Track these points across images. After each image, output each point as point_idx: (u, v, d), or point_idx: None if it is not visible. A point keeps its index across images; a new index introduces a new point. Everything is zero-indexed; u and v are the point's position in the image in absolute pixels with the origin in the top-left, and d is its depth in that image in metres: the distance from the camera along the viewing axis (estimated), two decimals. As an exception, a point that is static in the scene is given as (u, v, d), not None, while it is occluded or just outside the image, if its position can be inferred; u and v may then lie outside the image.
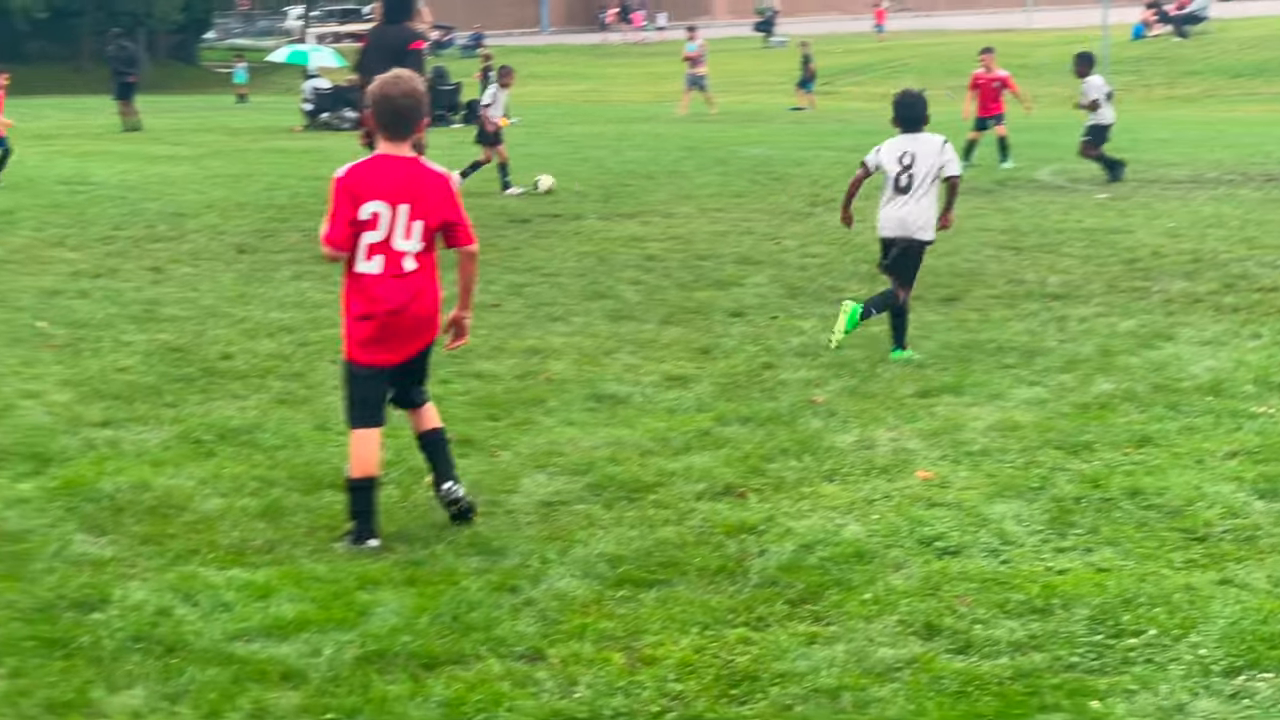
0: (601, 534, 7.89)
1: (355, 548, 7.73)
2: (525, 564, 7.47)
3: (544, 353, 12.38)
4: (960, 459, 9.17)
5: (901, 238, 12.19)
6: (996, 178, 24.98)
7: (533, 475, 8.96)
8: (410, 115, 7.84)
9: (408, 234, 7.79)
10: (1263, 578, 7.13)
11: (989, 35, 68.56)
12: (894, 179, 12.17)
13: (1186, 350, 11.84)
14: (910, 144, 12.17)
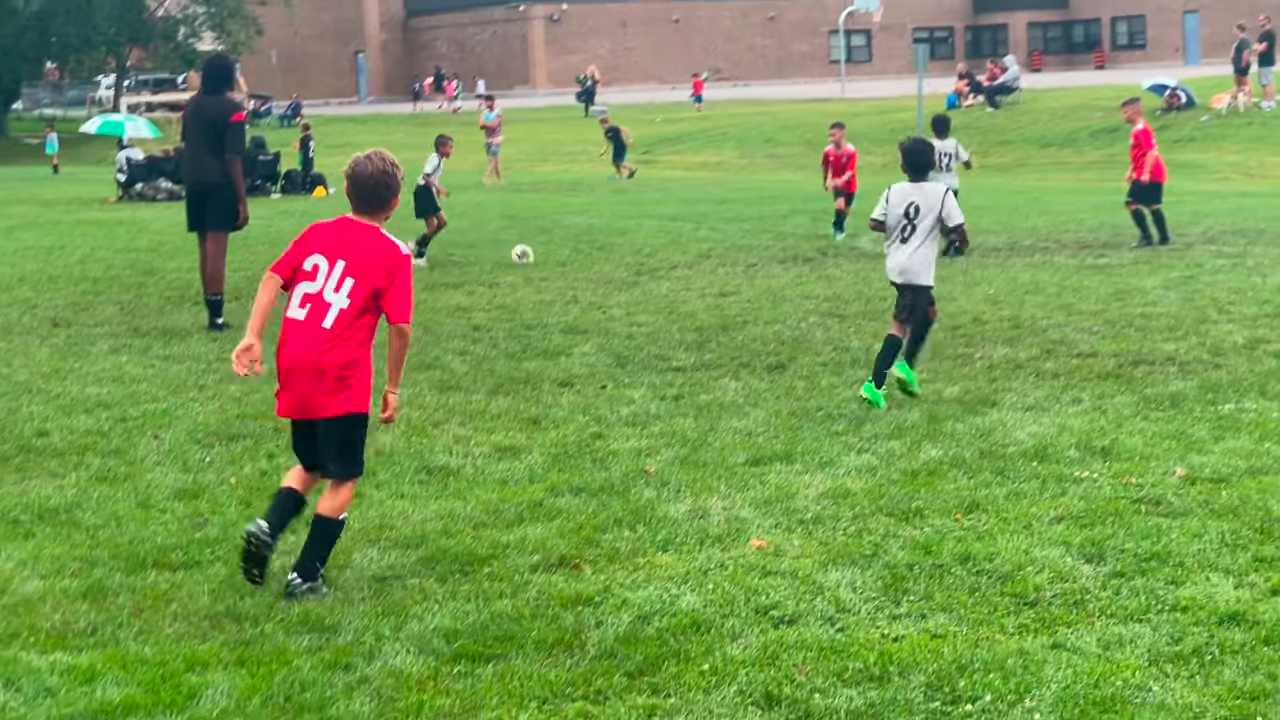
0: (436, 608, 7.80)
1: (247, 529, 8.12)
2: (359, 640, 7.36)
3: (372, 425, 12.22)
4: (793, 527, 9.19)
5: (905, 284, 12.82)
6: (819, 246, 25.21)
7: (364, 550, 8.85)
8: (378, 194, 8.16)
9: (337, 288, 8.00)
10: (1093, 641, 7.21)
11: (805, 105, 69.44)
12: (899, 229, 12.78)
13: (1010, 416, 11.99)
14: (916, 193, 12.81)
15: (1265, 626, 7.30)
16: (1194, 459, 10.46)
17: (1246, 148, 45.96)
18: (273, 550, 8.09)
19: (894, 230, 12.80)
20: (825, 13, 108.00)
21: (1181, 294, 18.35)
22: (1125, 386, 13.04)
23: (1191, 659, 6.96)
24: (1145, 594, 7.82)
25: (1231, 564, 8.25)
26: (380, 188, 8.18)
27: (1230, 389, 12.73)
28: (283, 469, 10.69)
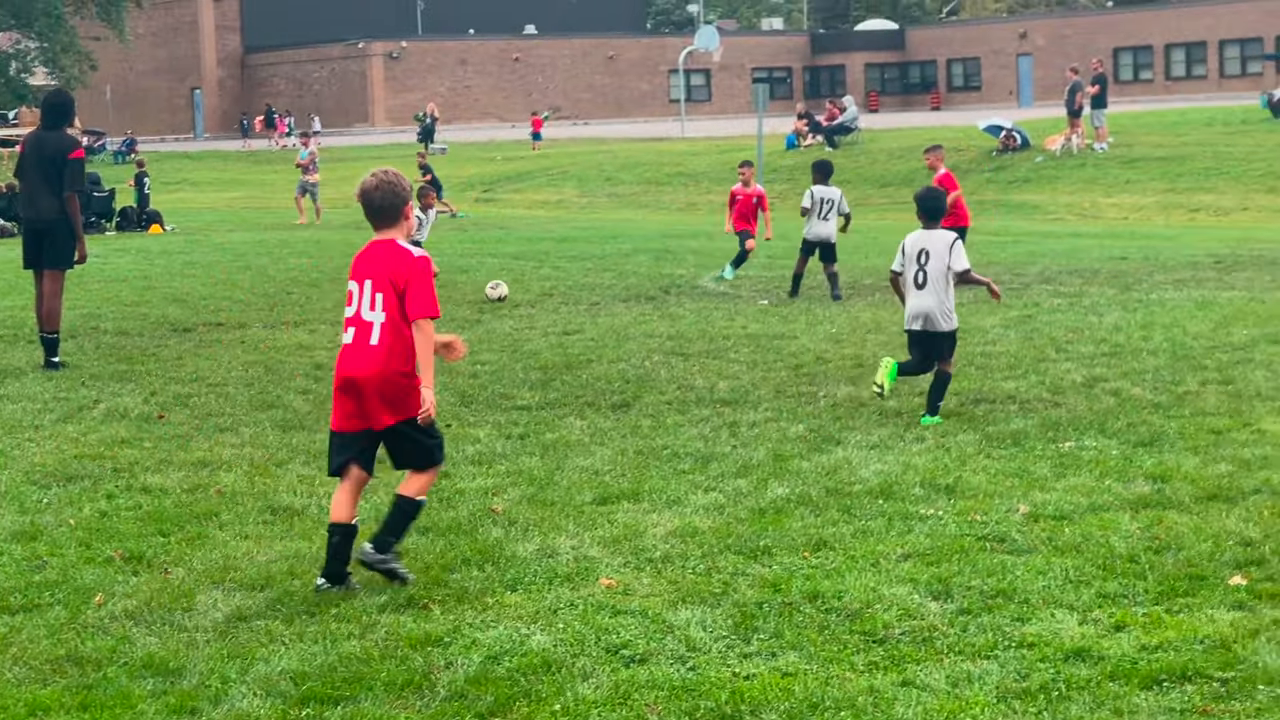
0: (283, 650, 7.68)
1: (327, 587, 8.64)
2: (204, 684, 7.23)
3: (214, 465, 12.09)
4: (642, 566, 9.17)
5: (925, 331, 13.50)
6: (661, 285, 25.26)
7: (209, 592, 8.70)
8: (388, 207, 8.74)
9: (372, 306, 8.64)
10: (942, 678, 7.25)
11: (645, 144, 69.76)
12: (913, 276, 13.47)
13: (855, 454, 12.07)
14: (926, 240, 13.48)
15: (1110, 662, 7.38)
16: (1037, 496, 10.58)
17: (1080, 189, 46.81)
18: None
19: (909, 277, 13.48)
20: (665, 52, 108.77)
21: (1020, 333, 18.60)
22: (968, 425, 13.17)
23: (1039, 695, 7.03)
24: (992, 631, 7.89)
25: (1076, 600, 8.34)
26: (388, 201, 8.76)
27: (1070, 427, 12.91)
28: (122, 510, 10.53)
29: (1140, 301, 21.68)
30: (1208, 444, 12.11)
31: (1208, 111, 60.73)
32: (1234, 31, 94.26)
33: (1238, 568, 8.82)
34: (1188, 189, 45.99)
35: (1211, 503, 10.33)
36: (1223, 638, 7.63)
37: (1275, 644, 7.50)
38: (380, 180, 8.77)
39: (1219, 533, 9.54)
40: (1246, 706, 6.81)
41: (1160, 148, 51.10)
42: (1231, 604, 8.20)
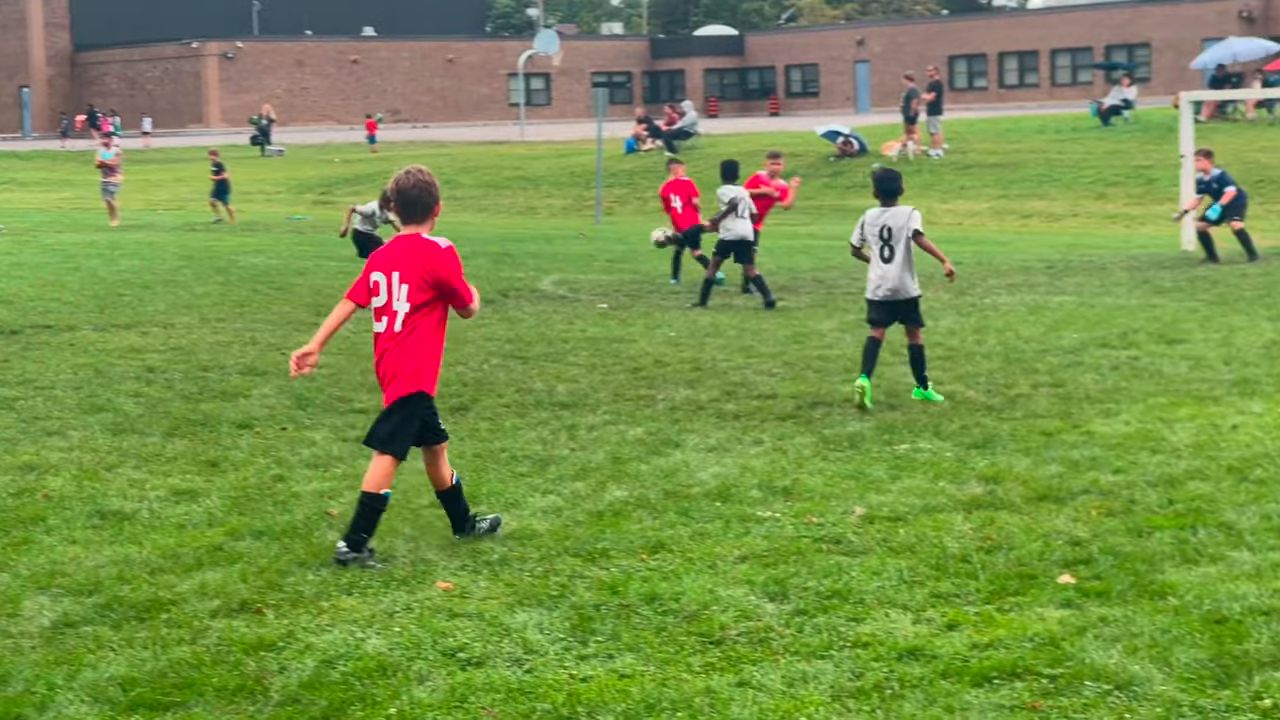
0: (112, 656, 7.56)
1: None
2: (30, 691, 7.09)
3: (40, 469, 11.87)
4: (480, 569, 9.13)
5: (893, 300, 14.44)
6: (500, 288, 25.19)
7: (34, 597, 8.54)
8: (420, 202, 9.37)
9: (399, 297, 9.26)
10: (778, 678, 7.28)
11: (484, 147, 69.58)
12: (879, 251, 14.36)
13: (694, 457, 12.10)
14: (887, 217, 14.40)
15: (943, 660, 7.45)
16: (872, 498, 10.67)
17: (916, 195, 47.29)
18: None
19: (875, 252, 14.41)
20: (504, 56, 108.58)
21: (856, 337, 18.73)
22: (805, 427, 13.27)
23: (873, 694, 7.08)
24: (827, 631, 7.94)
25: (910, 600, 8.42)
26: (422, 198, 9.40)
27: (905, 429, 13.04)
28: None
29: (974, 306, 21.98)
30: (1038, 446, 12.29)
31: (1040, 119, 61.71)
32: (1065, 41, 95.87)
33: (1066, 566, 8.95)
34: (1020, 195, 46.70)
35: (1042, 503, 10.48)
36: (1051, 635, 7.74)
37: (1102, 641, 7.62)
38: (415, 178, 9.41)
39: (1049, 532, 9.68)
40: (1074, 702, 6.91)
41: (994, 154, 51.85)
42: (1060, 602, 8.32)
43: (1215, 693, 6.97)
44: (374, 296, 9.36)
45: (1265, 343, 17.37)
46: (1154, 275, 25.86)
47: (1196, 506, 10.25)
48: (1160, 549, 9.26)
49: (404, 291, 9.21)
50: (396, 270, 9.27)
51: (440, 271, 9.22)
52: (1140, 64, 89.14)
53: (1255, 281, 24.34)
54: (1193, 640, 7.61)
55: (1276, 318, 19.60)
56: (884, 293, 14.49)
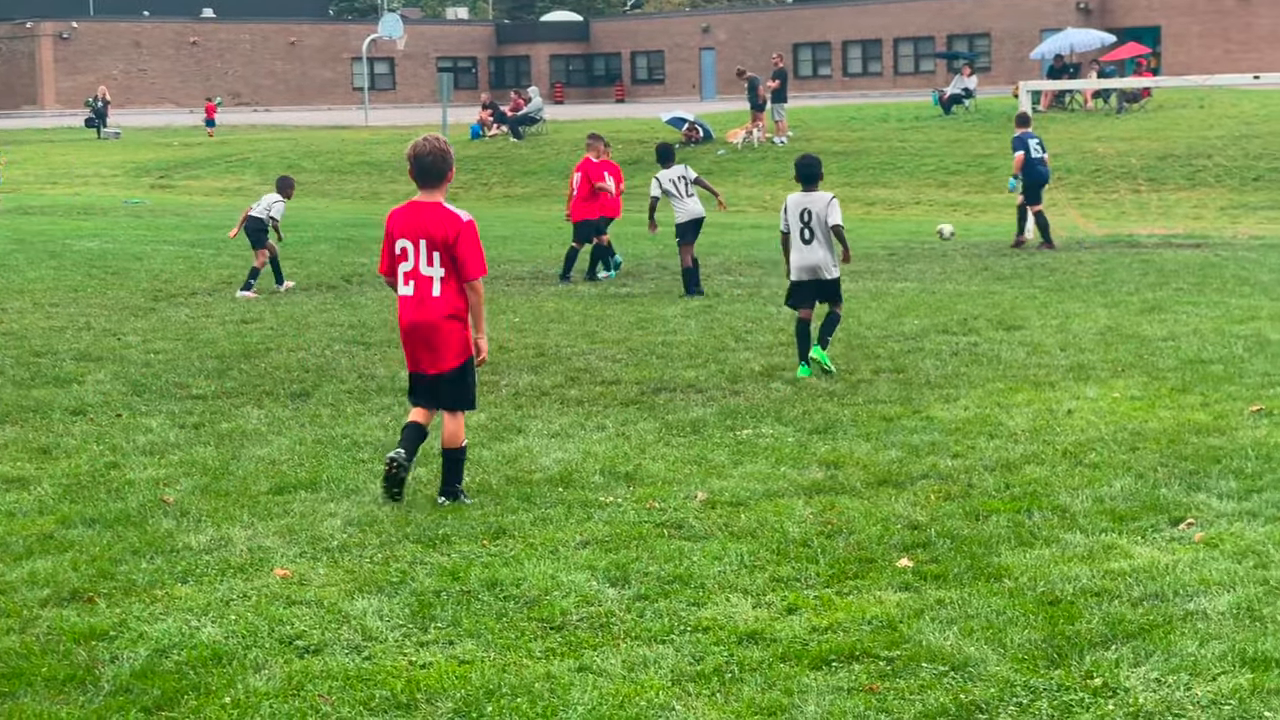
0: (-62, 648, 7.39)
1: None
2: None
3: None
4: (319, 555, 9.05)
5: (814, 280, 15.20)
6: (343, 274, 24.98)
7: None
8: (436, 169, 10.02)
9: (430, 262, 9.98)
10: (618, 663, 7.28)
11: (328, 131, 68.99)
12: (799, 232, 15.14)
13: (536, 443, 12.07)
14: (807, 201, 15.23)
15: (782, 644, 7.49)
16: (714, 483, 10.70)
17: (761, 181, 47.58)
18: (409, 471, 10.20)
19: (795, 234, 15.16)
20: (348, 39, 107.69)
21: (701, 323, 18.82)
22: (648, 413, 13.28)
23: (713, 678, 7.10)
24: (668, 615, 7.95)
25: (750, 584, 8.45)
26: (437, 164, 10.05)
27: (748, 415, 13.09)
28: None
29: (816, 292, 22.08)
30: (879, 431, 12.39)
31: (883, 107, 62.24)
32: (908, 30, 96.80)
33: (905, 550, 9.03)
34: (863, 183, 47.08)
35: (881, 488, 10.57)
36: (889, 618, 7.81)
37: (938, 623, 7.70)
38: (432, 145, 10.06)
39: (888, 516, 9.76)
40: (910, 683, 6.97)
41: (838, 142, 52.21)
42: (898, 585, 8.39)
43: (1048, 672, 7.07)
44: (401, 262, 10.05)
45: (1100, 329, 17.65)
46: (993, 262, 26.18)
47: (1032, 490, 10.39)
48: (996, 532, 9.37)
49: (436, 258, 9.96)
50: (423, 238, 9.98)
51: (459, 243, 9.91)
52: (981, 54, 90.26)
53: (1091, 269, 24.71)
54: (1027, 621, 7.71)
55: (1112, 304, 19.92)
56: (805, 274, 15.21)
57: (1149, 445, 11.66)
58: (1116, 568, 8.57)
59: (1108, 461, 11.17)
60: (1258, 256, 26.55)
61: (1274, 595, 8.05)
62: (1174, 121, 50.35)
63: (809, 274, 15.25)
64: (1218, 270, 24.22)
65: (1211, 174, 42.99)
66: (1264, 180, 41.81)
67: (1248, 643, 7.31)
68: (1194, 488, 10.36)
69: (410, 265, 10.05)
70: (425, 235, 9.98)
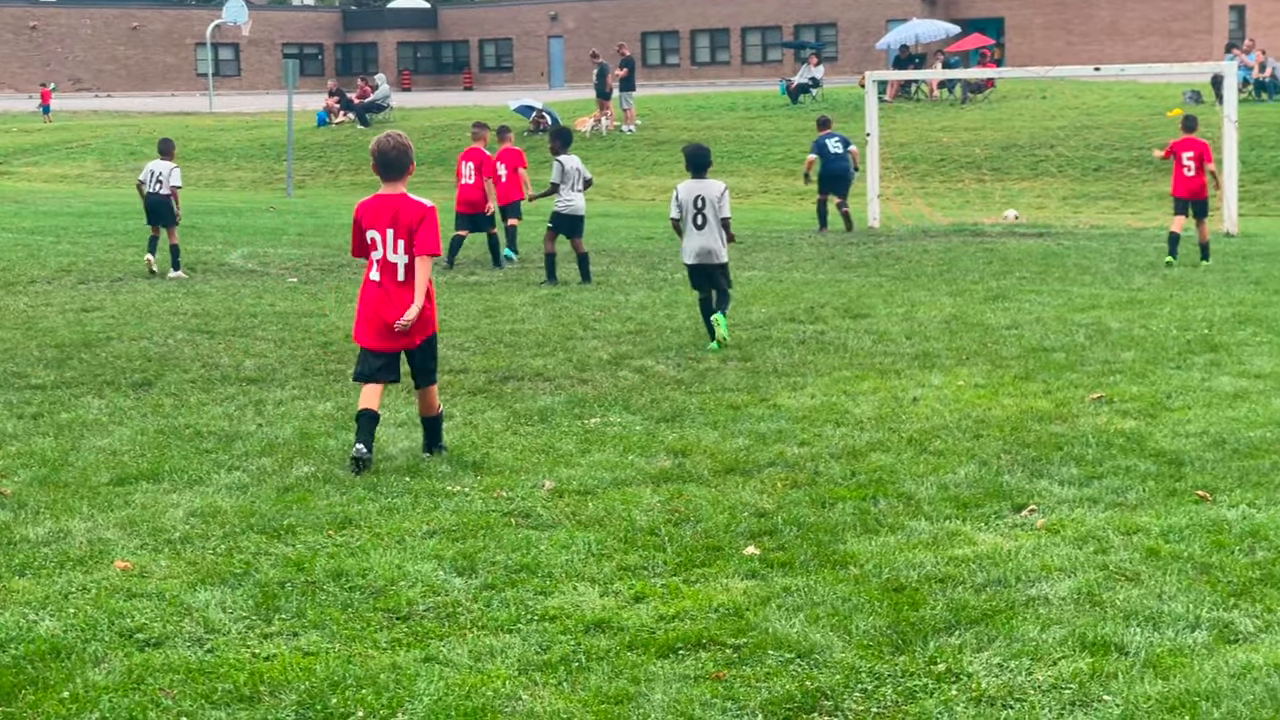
0: None
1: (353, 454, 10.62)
2: None
3: None
4: (161, 547, 8.92)
5: (705, 264, 16.08)
6: (186, 261, 24.67)
7: None
8: (399, 163, 10.81)
9: (395, 250, 10.77)
10: (465, 653, 7.24)
11: (171, 118, 68.12)
12: (692, 218, 16.02)
13: (383, 432, 11.94)
14: (700, 188, 16.13)
15: (629, 633, 7.49)
16: (562, 472, 10.68)
17: (609, 170, 47.63)
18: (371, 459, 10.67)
19: (688, 220, 16.05)
20: (191, 25, 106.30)
21: (549, 311, 18.80)
22: (496, 402, 13.24)
23: (559, 667, 7.08)
24: (515, 605, 7.92)
25: (598, 573, 8.44)
26: (400, 159, 10.86)
27: (596, 403, 13.08)
28: None
29: (665, 281, 22.18)
30: (726, 419, 12.43)
31: (731, 96, 62.55)
32: (755, 20, 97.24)
33: (752, 538, 9.07)
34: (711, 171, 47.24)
35: (729, 476, 10.60)
36: (736, 606, 7.83)
37: (785, 610, 7.73)
38: (395, 141, 10.83)
39: (735, 504, 9.79)
40: (756, 671, 7.00)
41: (686, 131, 52.37)
42: (745, 573, 8.42)
43: (892, 659, 7.12)
44: (372, 250, 10.80)
45: (945, 317, 17.84)
46: (840, 251, 26.38)
47: (878, 478, 10.47)
48: (842, 520, 9.43)
49: (401, 246, 10.72)
50: (390, 227, 10.74)
51: (422, 226, 10.71)
52: (827, 43, 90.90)
53: (937, 258, 24.99)
54: (872, 608, 7.76)
55: (957, 293, 20.14)
56: (696, 258, 16.10)
57: (992, 433, 11.80)
58: (960, 554, 8.66)
59: (952, 449, 11.28)
60: (1099, 246, 26.99)
61: (1113, 580, 8.17)
62: (1017, 112, 51.05)
63: (702, 258, 16.09)
64: (1060, 259, 24.59)
65: (1054, 164, 43.64)
66: (1104, 170, 42.50)
67: (1087, 627, 7.42)
68: (1036, 475, 10.50)
69: (380, 254, 10.79)
70: (392, 224, 10.74)
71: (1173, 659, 7.03)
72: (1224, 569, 8.35)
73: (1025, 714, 6.52)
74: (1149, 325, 16.91)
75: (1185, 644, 7.22)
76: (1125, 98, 50.97)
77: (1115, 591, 7.98)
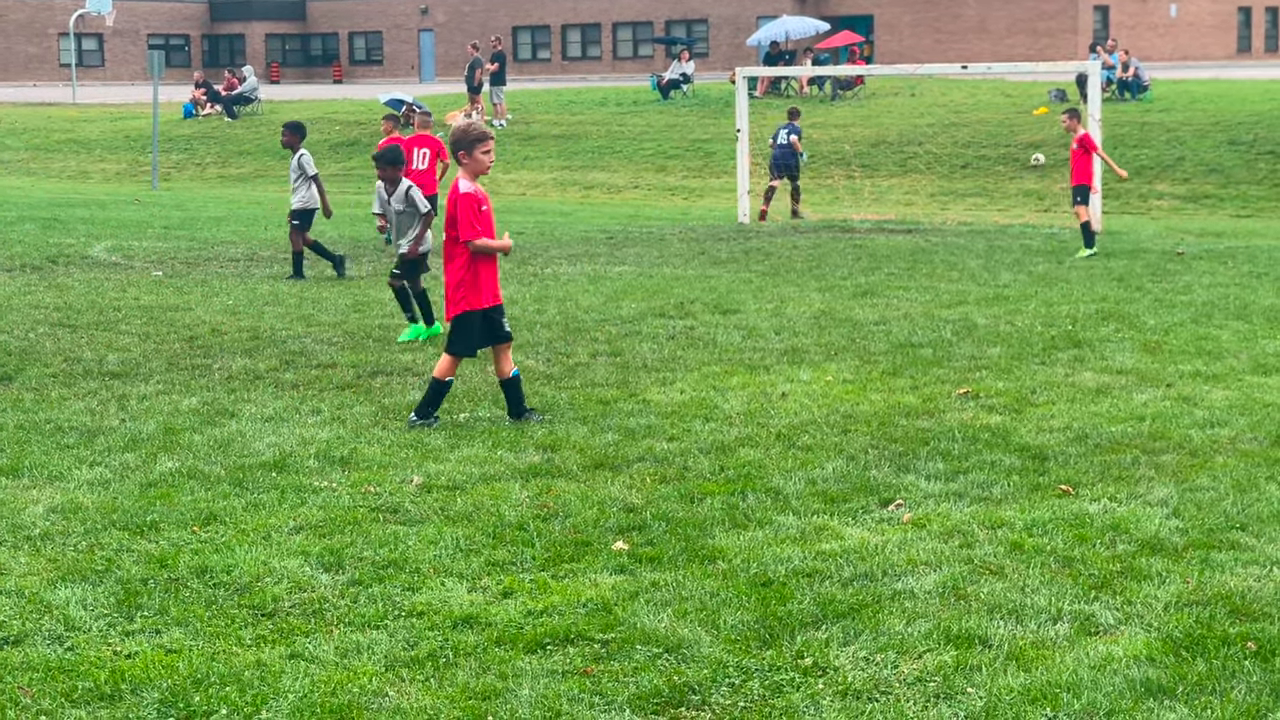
0: None
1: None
2: None
3: None
4: (20, 544, 8.78)
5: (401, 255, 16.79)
6: (48, 254, 24.31)
7: None
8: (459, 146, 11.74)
9: None
10: (331, 650, 7.20)
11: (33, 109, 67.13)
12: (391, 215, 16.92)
13: (250, 427, 11.87)
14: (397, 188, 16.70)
15: (497, 628, 7.47)
16: (431, 467, 10.63)
17: (478, 165, 47.47)
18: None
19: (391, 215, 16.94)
20: (54, 14, 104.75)
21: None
22: (364, 397, 13.15)
23: (426, 663, 7.05)
24: (383, 601, 7.88)
25: (466, 569, 8.41)
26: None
27: (465, 398, 13.03)
28: None
29: (535, 275, 22.14)
30: (596, 414, 12.43)
31: (602, 91, 62.54)
32: (626, 15, 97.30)
33: (620, 533, 9.07)
34: (583, 167, 47.28)
35: (598, 471, 10.60)
36: (605, 601, 7.83)
37: (653, 605, 7.74)
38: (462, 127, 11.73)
39: (604, 500, 9.79)
40: (625, 665, 6.99)
41: (557, 126, 52.35)
42: (614, 568, 8.42)
43: (760, 653, 7.15)
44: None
45: (814, 313, 17.93)
46: (710, 247, 26.46)
47: (747, 473, 10.50)
48: (711, 515, 9.45)
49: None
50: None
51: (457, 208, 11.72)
52: (699, 39, 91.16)
53: (806, 254, 25.13)
54: (740, 603, 7.79)
55: (826, 289, 20.26)
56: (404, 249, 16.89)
57: (860, 428, 11.87)
58: (828, 549, 8.71)
59: (820, 444, 11.34)
60: (966, 242, 27.26)
61: (978, 574, 8.25)
62: (886, 109, 51.44)
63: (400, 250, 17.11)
64: (928, 256, 24.81)
65: (922, 161, 44.03)
66: (971, 168, 42.94)
67: (952, 620, 7.48)
68: (903, 469, 10.58)
69: None
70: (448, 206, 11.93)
71: (1035, 651, 7.11)
72: (1086, 562, 8.45)
73: (891, 707, 6.57)
74: (1014, 321, 17.09)
75: (1047, 636, 7.31)
76: (992, 96, 51.51)
77: (980, 585, 8.06)
